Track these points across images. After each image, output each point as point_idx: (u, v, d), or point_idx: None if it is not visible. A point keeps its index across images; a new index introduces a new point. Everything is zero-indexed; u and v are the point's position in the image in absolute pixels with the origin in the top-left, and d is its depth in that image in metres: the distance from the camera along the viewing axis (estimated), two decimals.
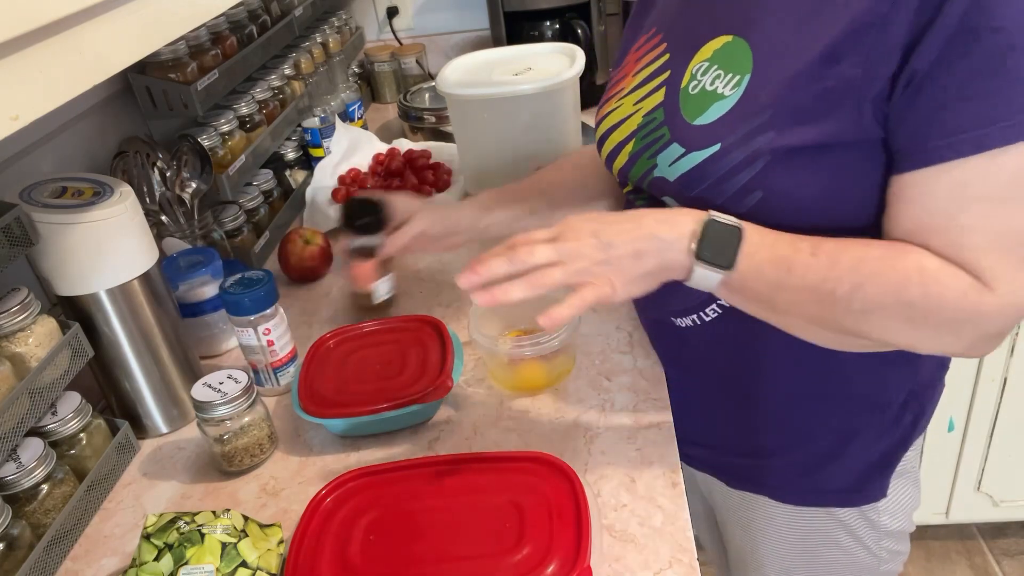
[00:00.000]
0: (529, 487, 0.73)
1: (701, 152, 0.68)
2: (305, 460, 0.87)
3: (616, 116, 0.80)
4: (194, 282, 1.02)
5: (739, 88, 0.67)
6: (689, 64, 0.73)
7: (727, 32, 0.70)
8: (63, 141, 1.05)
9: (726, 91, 0.68)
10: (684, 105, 0.71)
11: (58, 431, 0.81)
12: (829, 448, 0.82)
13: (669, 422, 0.85)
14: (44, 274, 0.83)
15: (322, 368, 0.93)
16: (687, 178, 0.70)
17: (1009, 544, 1.82)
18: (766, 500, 0.88)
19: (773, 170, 0.65)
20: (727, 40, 0.70)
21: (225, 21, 1.27)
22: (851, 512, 0.86)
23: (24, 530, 0.74)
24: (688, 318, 0.80)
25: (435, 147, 1.50)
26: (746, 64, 0.67)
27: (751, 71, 0.67)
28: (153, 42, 0.68)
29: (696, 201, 0.70)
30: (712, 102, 0.69)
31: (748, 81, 0.67)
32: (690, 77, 0.72)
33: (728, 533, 0.99)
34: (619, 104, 0.80)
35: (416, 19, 1.95)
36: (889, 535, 0.88)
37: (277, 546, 0.72)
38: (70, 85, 0.55)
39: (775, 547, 0.92)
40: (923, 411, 0.83)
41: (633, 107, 0.78)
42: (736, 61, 0.68)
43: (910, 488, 0.88)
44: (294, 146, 1.48)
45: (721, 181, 0.68)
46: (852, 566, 0.90)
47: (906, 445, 0.84)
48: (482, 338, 0.89)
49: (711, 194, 0.69)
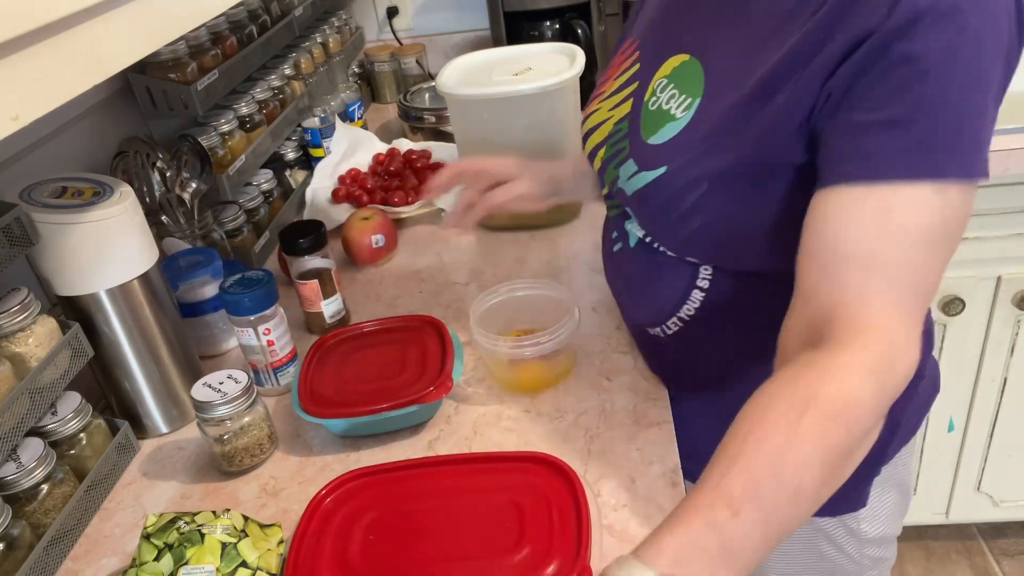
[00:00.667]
0: (529, 487, 0.73)
1: (650, 172, 0.70)
2: (305, 460, 0.87)
3: (595, 119, 0.82)
4: (194, 282, 1.02)
5: (689, 112, 0.69)
6: (652, 78, 0.75)
7: (685, 51, 0.72)
8: (63, 141, 1.05)
9: (678, 112, 0.70)
10: (644, 121, 0.73)
11: (58, 431, 0.81)
12: None
13: (669, 422, 0.85)
14: (44, 274, 0.83)
15: (322, 368, 0.93)
16: (639, 195, 0.72)
17: (1009, 544, 1.82)
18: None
19: (714, 196, 0.66)
20: (684, 59, 0.72)
21: (225, 21, 1.27)
22: (830, 521, 0.85)
23: (24, 530, 0.74)
24: (655, 328, 0.81)
25: (435, 147, 1.50)
26: (698, 87, 0.69)
27: (701, 95, 0.68)
28: (153, 42, 0.68)
29: (649, 218, 0.73)
30: (665, 122, 0.71)
31: (697, 105, 0.68)
32: (651, 92, 0.74)
33: None
34: (599, 107, 0.82)
35: (416, 19, 1.96)
36: (871, 542, 0.88)
37: (277, 546, 0.72)
38: (70, 85, 0.55)
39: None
40: (898, 423, 0.81)
41: (608, 113, 0.80)
42: (690, 82, 0.70)
43: (893, 494, 0.88)
44: (294, 146, 1.48)
45: (667, 202, 0.69)
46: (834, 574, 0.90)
47: (883, 457, 0.83)
48: (482, 338, 0.89)
49: (660, 213, 0.71)
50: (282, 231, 1.04)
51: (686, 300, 0.76)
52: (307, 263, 1.04)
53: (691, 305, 0.76)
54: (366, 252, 1.20)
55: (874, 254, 0.56)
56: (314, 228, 1.04)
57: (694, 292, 0.75)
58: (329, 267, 1.05)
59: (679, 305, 0.76)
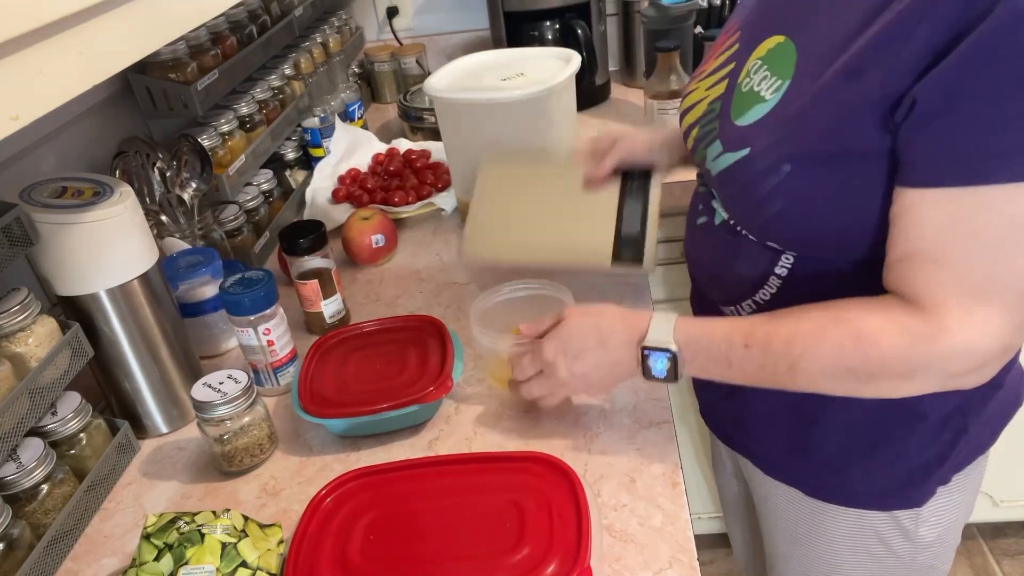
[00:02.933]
0: (529, 487, 0.73)
1: (734, 154, 0.71)
2: (305, 460, 0.87)
3: (692, 97, 0.82)
4: (194, 282, 1.02)
5: (778, 93, 0.68)
6: (748, 59, 0.74)
7: (781, 32, 0.71)
8: (63, 141, 1.05)
9: (767, 95, 0.69)
10: (735, 102, 0.74)
11: (58, 431, 0.81)
12: (859, 450, 0.80)
13: (669, 422, 0.85)
14: (44, 274, 0.83)
15: (322, 368, 0.93)
16: (722, 177, 0.73)
17: (1009, 544, 1.82)
18: (797, 493, 0.86)
19: (794, 180, 0.66)
20: (779, 40, 0.71)
21: (225, 21, 1.27)
22: (882, 517, 0.83)
23: (24, 530, 0.74)
24: (729, 307, 0.81)
25: (435, 147, 1.50)
26: (789, 69, 0.68)
27: (791, 77, 0.68)
28: (153, 42, 0.68)
29: (732, 200, 0.74)
30: (754, 103, 0.70)
31: (786, 88, 0.68)
32: (745, 74, 0.74)
33: (763, 520, 0.97)
34: (697, 86, 0.83)
35: (416, 19, 1.95)
36: (927, 547, 0.85)
37: (277, 546, 0.72)
38: (70, 85, 0.55)
39: (804, 544, 0.90)
40: (966, 429, 0.79)
41: (704, 92, 0.80)
42: (783, 64, 0.69)
43: (959, 502, 0.85)
44: (294, 146, 1.48)
45: (749, 185, 0.70)
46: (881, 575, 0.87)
47: (943, 461, 0.80)
48: (483, 336, 0.89)
49: (741, 195, 0.72)
50: (282, 231, 1.04)
51: (763, 285, 0.75)
52: (307, 263, 1.04)
53: (767, 291, 0.75)
54: (366, 252, 1.20)
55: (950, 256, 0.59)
56: (314, 228, 1.04)
57: (771, 278, 0.74)
58: (329, 267, 1.05)
59: (755, 289, 0.76)
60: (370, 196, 1.35)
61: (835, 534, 0.86)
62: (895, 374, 0.63)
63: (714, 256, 0.81)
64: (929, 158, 0.59)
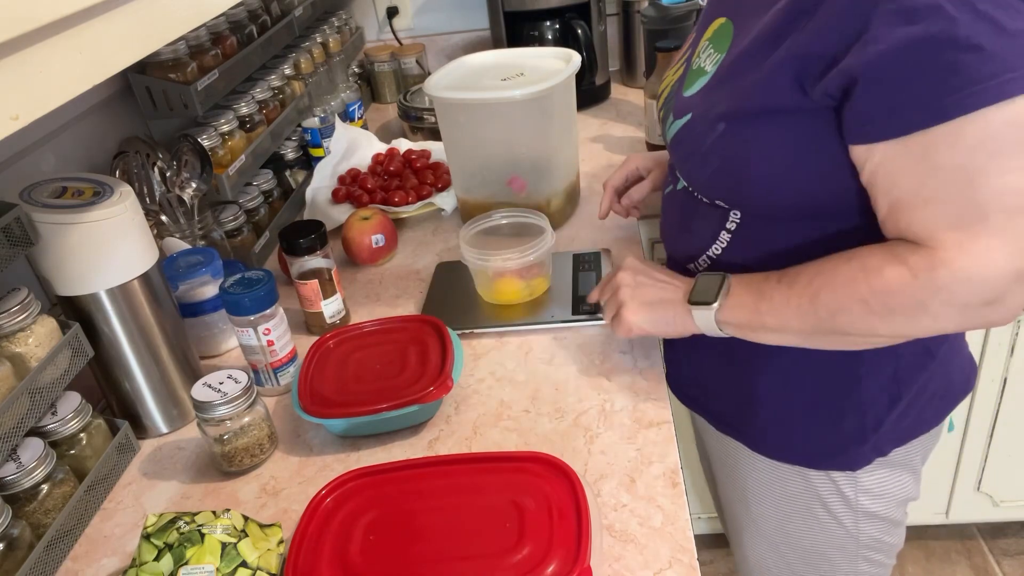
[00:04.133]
0: (529, 487, 0.73)
1: (680, 120, 0.80)
2: (305, 460, 0.87)
3: (662, 86, 0.92)
4: (194, 282, 1.02)
5: (715, 65, 0.77)
6: (700, 41, 0.83)
7: (724, 14, 0.81)
8: (63, 141, 1.05)
9: (709, 68, 0.78)
10: (687, 79, 0.83)
11: (58, 431, 0.81)
12: (801, 407, 0.85)
13: (669, 422, 0.85)
14: (44, 274, 0.83)
15: (322, 368, 0.93)
16: (673, 142, 0.82)
17: (1009, 544, 1.82)
18: (745, 450, 0.92)
19: (727, 138, 0.73)
20: (722, 22, 0.80)
21: (225, 21, 1.27)
22: (822, 478, 0.88)
23: (24, 530, 0.74)
24: (691, 264, 0.88)
25: (435, 147, 1.50)
26: (726, 42, 0.77)
27: (727, 49, 0.77)
28: (153, 42, 0.68)
29: (680, 162, 0.82)
30: (698, 77, 0.80)
31: (721, 58, 0.77)
32: (697, 54, 0.83)
33: (719, 482, 1.03)
34: (667, 76, 0.92)
35: (416, 19, 1.95)
36: (870, 517, 0.90)
37: (277, 546, 0.72)
38: (70, 85, 0.55)
39: (754, 505, 0.95)
40: (900, 396, 0.83)
41: (671, 78, 0.90)
42: (722, 41, 0.78)
43: (904, 477, 0.89)
44: (294, 146, 1.48)
45: (691, 146, 0.78)
46: (829, 543, 0.92)
47: (878, 426, 0.84)
48: (472, 257, 1.03)
49: (687, 156, 0.80)
50: (282, 231, 1.04)
51: (714, 241, 0.83)
52: (307, 263, 1.04)
53: (719, 246, 0.83)
54: (366, 252, 1.20)
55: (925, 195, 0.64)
56: (314, 228, 1.04)
57: (722, 233, 0.82)
58: (329, 267, 1.05)
59: (708, 244, 0.83)
60: (370, 196, 1.35)
61: (779, 494, 0.92)
62: (904, 305, 0.66)
63: (676, 218, 0.89)
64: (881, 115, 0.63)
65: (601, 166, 1.45)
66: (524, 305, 1.06)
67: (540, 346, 1.00)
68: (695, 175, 0.81)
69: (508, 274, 1.04)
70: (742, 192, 0.77)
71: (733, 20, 0.78)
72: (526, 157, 1.21)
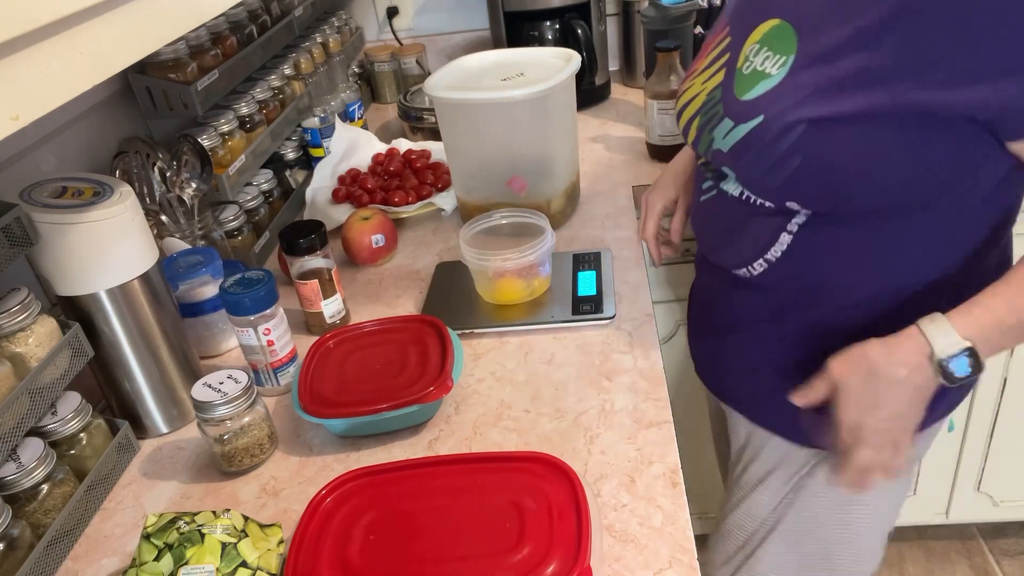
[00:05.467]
0: (529, 487, 0.73)
1: (747, 124, 0.76)
2: (305, 460, 0.87)
3: (688, 95, 0.88)
4: (194, 282, 1.02)
5: (784, 68, 0.74)
6: (744, 46, 0.80)
7: (775, 16, 0.77)
8: (63, 141, 1.05)
9: (773, 70, 0.75)
10: (737, 84, 0.79)
11: (58, 431, 0.81)
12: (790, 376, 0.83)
13: (669, 422, 0.85)
14: (44, 274, 0.83)
15: (322, 368, 0.93)
16: (737, 148, 0.78)
17: (1009, 544, 1.82)
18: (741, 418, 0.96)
19: (811, 136, 0.71)
20: (775, 23, 0.77)
21: (225, 21, 1.27)
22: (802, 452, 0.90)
23: (24, 530, 0.74)
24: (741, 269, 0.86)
25: (435, 147, 1.50)
26: (791, 45, 0.74)
27: (795, 51, 0.73)
28: (153, 42, 0.68)
29: (747, 169, 0.78)
30: (759, 80, 0.76)
31: (793, 60, 0.73)
32: (744, 58, 0.79)
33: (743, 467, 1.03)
34: (691, 84, 0.88)
35: (416, 19, 1.95)
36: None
37: (277, 546, 0.72)
38: (70, 85, 0.55)
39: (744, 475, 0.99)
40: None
41: (700, 86, 0.85)
42: (783, 42, 0.75)
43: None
44: (294, 146, 1.48)
45: (765, 149, 0.74)
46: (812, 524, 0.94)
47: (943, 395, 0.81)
48: (471, 255, 1.03)
49: (757, 161, 0.76)
50: (282, 231, 1.04)
51: (773, 243, 0.81)
52: (307, 263, 1.04)
53: (779, 248, 0.80)
54: (366, 252, 1.20)
55: None
56: (314, 228, 1.04)
57: (783, 235, 0.80)
58: (329, 267, 1.05)
59: (767, 248, 0.81)
60: (370, 196, 1.35)
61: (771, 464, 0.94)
62: None
63: (723, 225, 0.86)
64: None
65: (601, 166, 1.45)
66: (524, 305, 1.06)
67: (540, 346, 1.00)
68: (766, 179, 0.77)
69: (508, 274, 1.04)
70: (827, 191, 0.74)
71: (792, 22, 0.75)
72: (526, 157, 1.21)
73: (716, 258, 0.91)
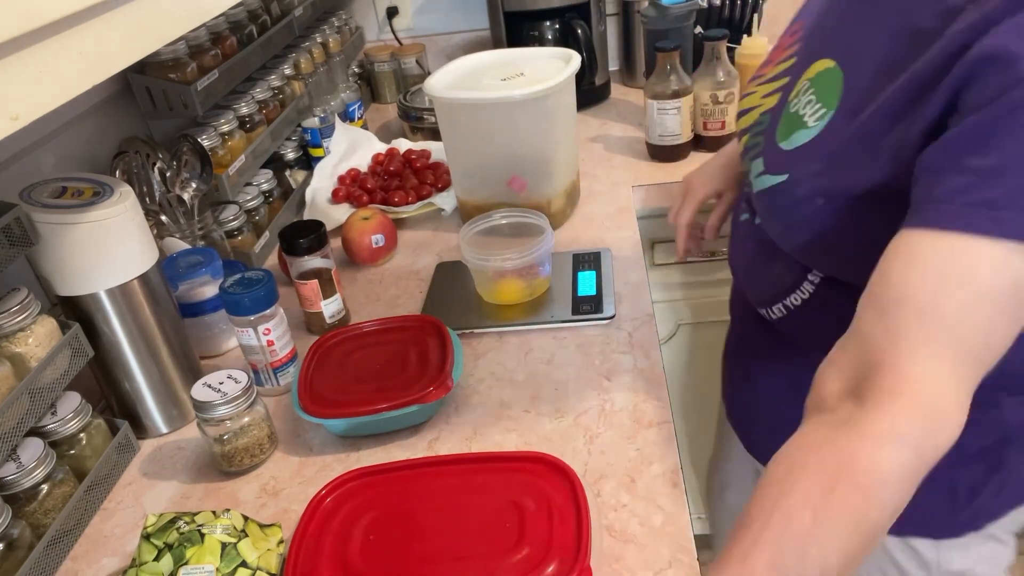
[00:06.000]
0: (529, 487, 0.73)
1: (773, 177, 0.71)
2: (305, 460, 0.87)
3: (749, 101, 0.81)
4: (194, 282, 1.02)
5: (822, 122, 0.67)
6: (800, 77, 0.73)
7: (832, 55, 0.70)
8: (63, 141, 1.05)
9: (811, 121, 0.68)
10: (782, 121, 0.73)
11: (58, 431, 0.81)
12: None
13: (669, 422, 0.85)
14: (44, 274, 0.83)
15: (322, 368, 0.93)
16: (761, 196, 0.73)
17: None
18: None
19: (827, 214, 0.65)
20: (829, 65, 0.69)
21: (225, 21, 1.27)
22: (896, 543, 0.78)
23: (24, 530, 0.74)
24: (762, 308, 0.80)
25: (435, 147, 1.50)
26: (834, 98, 0.67)
27: (835, 108, 0.66)
28: (153, 42, 0.68)
29: (766, 219, 0.73)
30: (798, 128, 0.70)
31: (830, 118, 0.67)
32: (796, 93, 0.72)
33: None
34: (755, 90, 0.81)
35: (416, 19, 1.95)
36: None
37: (277, 546, 0.72)
38: (70, 85, 0.55)
39: None
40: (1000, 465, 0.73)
41: (760, 100, 0.79)
42: (828, 92, 0.68)
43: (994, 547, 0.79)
44: (294, 146, 1.48)
45: (783, 211, 0.70)
46: None
47: (974, 496, 0.74)
48: (473, 257, 1.03)
49: (775, 218, 0.71)
50: (282, 231, 1.04)
51: (794, 290, 0.74)
52: (307, 263, 1.04)
53: (799, 296, 0.74)
54: (366, 252, 1.20)
55: (934, 304, 0.53)
56: (314, 228, 1.04)
57: (804, 284, 0.73)
58: (329, 267, 1.05)
59: (787, 293, 0.75)
60: (370, 196, 1.35)
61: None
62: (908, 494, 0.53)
63: (752, 256, 0.81)
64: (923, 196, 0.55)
65: (601, 166, 1.45)
66: (524, 305, 1.06)
67: (540, 346, 1.00)
68: (784, 238, 0.72)
69: (508, 274, 1.04)
70: (837, 265, 0.68)
71: (843, 67, 0.68)
72: (526, 157, 1.21)
73: (744, 287, 0.85)
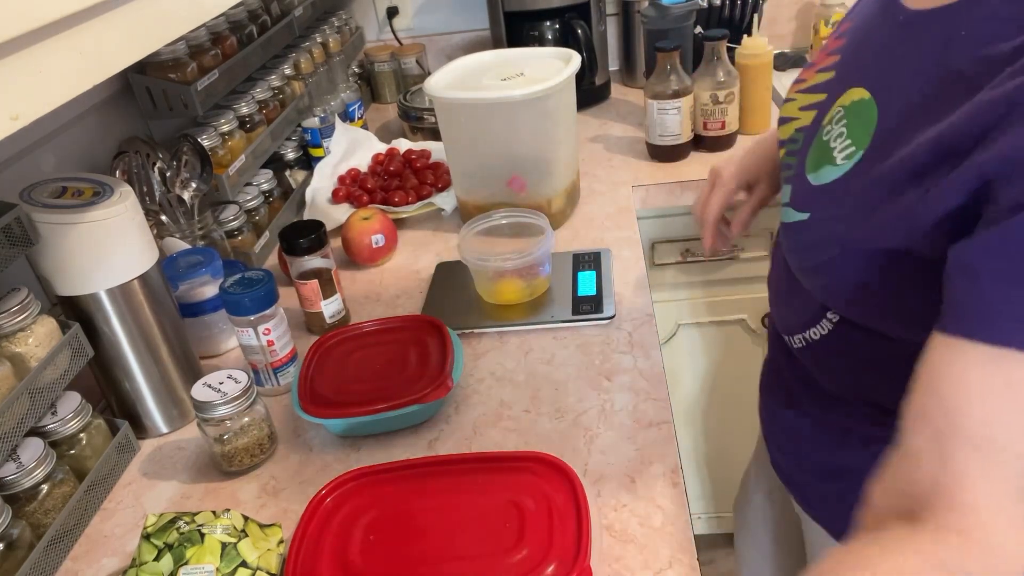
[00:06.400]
0: (529, 487, 0.73)
1: (796, 213, 0.68)
2: (305, 460, 0.87)
3: (790, 109, 0.77)
4: (194, 282, 1.02)
5: (849, 162, 0.63)
6: (835, 102, 0.68)
7: (868, 84, 0.65)
8: (63, 141, 1.05)
9: (839, 158, 0.65)
10: (812, 148, 0.69)
11: (58, 431, 0.81)
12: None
13: (669, 422, 0.85)
14: (44, 274, 0.83)
15: (322, 368, 0.93)
16: (783, 229, 0.71)
17: None
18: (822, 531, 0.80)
19: (841, 264, 0.62)
20: (864, 96, 0.65)
21: (225, 21, 1.27)
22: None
23: (24, 530, 0.74)
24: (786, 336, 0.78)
25: (435, 147, 1.50)
26: (865, 137, 0.62)
27: (866, 148, 0.62)
28: (153, 42, 0.68)
29: (788, 250, 0.70)
30: (826, 163, 0.66)
31: (859, 159, 0.62)
32: (829, 118, 0.68)
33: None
34: (796, 97, 0.76)
35: (416, 19, 1.95)
36: None
37: (277, 546, 0.72)
38: (70, 85, 0.55)
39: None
40: None
41: (798, 113, 0.75)
42: (861, 127, 0.64)
43: None
44: (294, 146, 1.48)
45: (801, 250, 0.67)
46: None
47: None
48: (471, 256, 1.04)
49: (793, 255, 0.69)
50: (282, 231, 1.04)
51: (815, 324, 0.72)
52: (307, 263, 1.04)
53: (819, 330, 0.71)
54: (366, 252, 1.20)
55: (990, 433, 0.48)
56: (314, 228, 1.04)
57: (824, 321, 0.70)
58: (329, 267, 1.05)
59: (808, 326, 0.73)
60: (370, 196, 1.35)
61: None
62: None
63: (781, 282, 0.78)
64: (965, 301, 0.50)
65: (601, 166, 1.45)
66: (524, 305, 1.06)
67: (540, 346, 1.00)
68: (801, 276, 0.69)
69: (508, 274, 1.05)
70: (852, 311, 0.65)
71: (877, 101, 0.63)
72: (526, 157, 1.21)
73: (775, 311, 0.82)
